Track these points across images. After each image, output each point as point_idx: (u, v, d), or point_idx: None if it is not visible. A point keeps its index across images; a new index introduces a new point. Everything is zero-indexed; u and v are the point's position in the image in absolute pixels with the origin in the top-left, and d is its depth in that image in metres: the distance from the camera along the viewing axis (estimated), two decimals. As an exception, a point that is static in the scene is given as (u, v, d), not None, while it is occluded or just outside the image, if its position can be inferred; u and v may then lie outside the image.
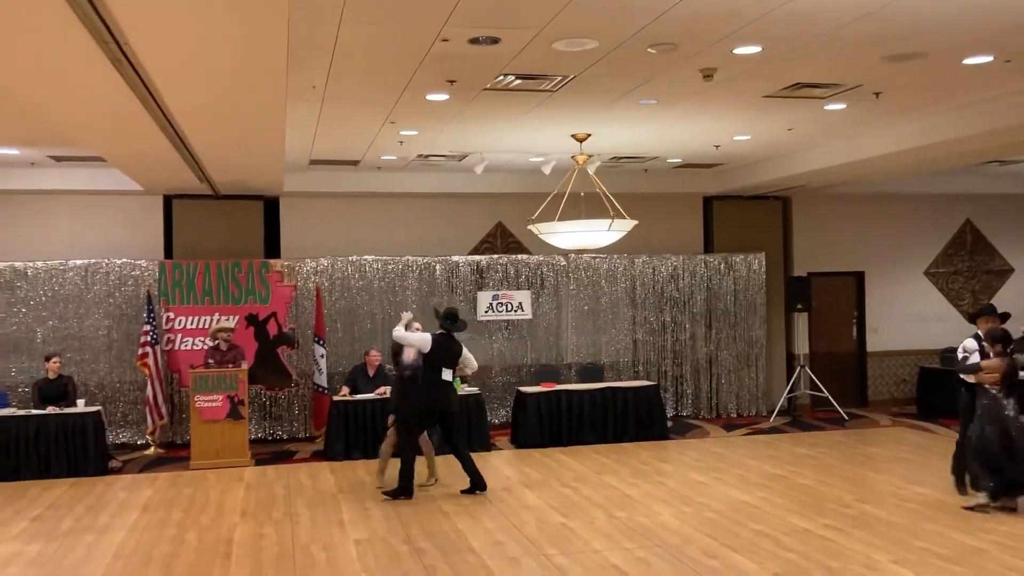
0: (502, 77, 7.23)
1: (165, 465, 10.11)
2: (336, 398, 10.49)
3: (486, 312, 12.29)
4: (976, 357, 7.51)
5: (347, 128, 9.16)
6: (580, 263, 12.71)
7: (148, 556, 6.60)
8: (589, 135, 9.63)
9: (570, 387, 11.36)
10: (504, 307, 12.36)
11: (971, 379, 7.51)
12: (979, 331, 7.76)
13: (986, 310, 8.07)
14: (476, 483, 8.31)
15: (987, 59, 6.94)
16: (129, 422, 11.25)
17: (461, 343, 8.52)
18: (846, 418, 12.57)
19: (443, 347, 8.27)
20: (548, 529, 7.08)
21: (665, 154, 11.38)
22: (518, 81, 7.37)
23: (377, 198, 12.58)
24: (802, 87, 7.82)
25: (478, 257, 12.55)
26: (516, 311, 12.40)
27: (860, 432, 11.68)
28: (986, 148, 9.88)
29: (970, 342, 7.69)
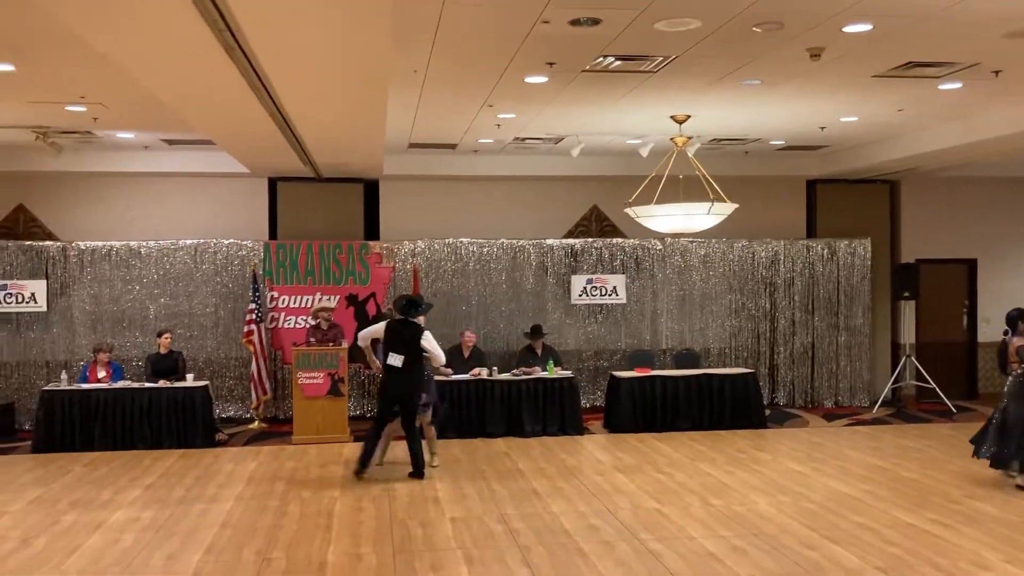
0: (601, 59, 7.16)
1: (269, 439, 10.48)
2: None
3: (580, 296, 12.28)
4: None
5: (446, 111, 9.25)
6: (677, 247, 12.55)
7: (253, 526, 6.86)
8: (689, 116, 9.46)
9: (665, 373, 11.26)
10: (598, 291, 12.32)
11: None
12: None
13: None
14: (416, 470, 8.36)
15: (1118, 34, 6.53)
16: (235, 397, 11.72)
17: (422, 330, 8.40)
18: (954, 411, 12.12)
19: (392, 332, 8.39)
20: (642, 514, 7.06)
21: (767, 136, 11.11)
22: (618, 63, 7.29)
23: (473, 181, 12.68)
24: (915, 66, 7.50)
25: (572, 240, 12.52)
26: (610, 295, 12.34)
27: (969, 425, 11.12)
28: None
29: None
